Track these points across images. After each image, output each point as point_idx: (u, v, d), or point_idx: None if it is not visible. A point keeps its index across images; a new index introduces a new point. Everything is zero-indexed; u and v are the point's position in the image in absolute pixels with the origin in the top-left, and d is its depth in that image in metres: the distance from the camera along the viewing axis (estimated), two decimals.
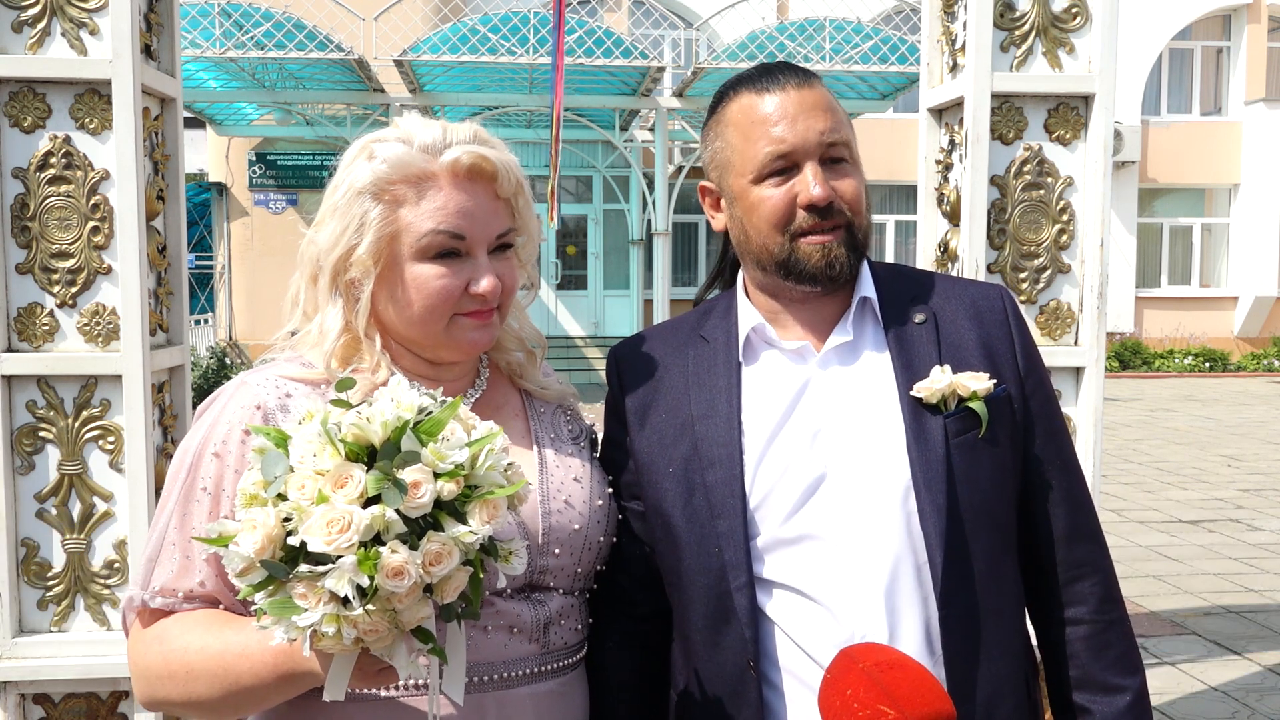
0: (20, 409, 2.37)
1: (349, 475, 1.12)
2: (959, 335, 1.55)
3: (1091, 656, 1.54)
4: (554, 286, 20.23)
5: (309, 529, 1.10)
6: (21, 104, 2.33)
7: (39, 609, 2.42)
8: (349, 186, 1.44)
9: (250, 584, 1.14)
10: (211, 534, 1.17)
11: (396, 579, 1.09)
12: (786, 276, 1.53)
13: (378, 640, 1.13)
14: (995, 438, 1.49)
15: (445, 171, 1.43)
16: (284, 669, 1.26)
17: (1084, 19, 2.63)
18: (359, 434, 1.15)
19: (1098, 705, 1.53)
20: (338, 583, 1.09)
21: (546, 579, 1.50)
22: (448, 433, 1.17)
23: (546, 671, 1.49)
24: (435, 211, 1.42)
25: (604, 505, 1.57)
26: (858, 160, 1.55)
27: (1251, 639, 5.56)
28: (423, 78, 15.71)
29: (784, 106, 1.50)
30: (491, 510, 1.16)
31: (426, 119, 1.49)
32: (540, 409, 1.63)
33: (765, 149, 1.50)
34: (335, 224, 1.45)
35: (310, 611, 1.10)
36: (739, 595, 1.47)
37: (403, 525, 1.12)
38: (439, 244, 1.42)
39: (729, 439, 1.52)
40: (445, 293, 1.43)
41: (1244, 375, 20.71)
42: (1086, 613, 1.55)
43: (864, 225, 1.55)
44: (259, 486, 1.15)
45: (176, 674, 1.34)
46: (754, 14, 17.49)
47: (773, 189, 1.50)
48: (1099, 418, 2.68)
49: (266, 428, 1.21)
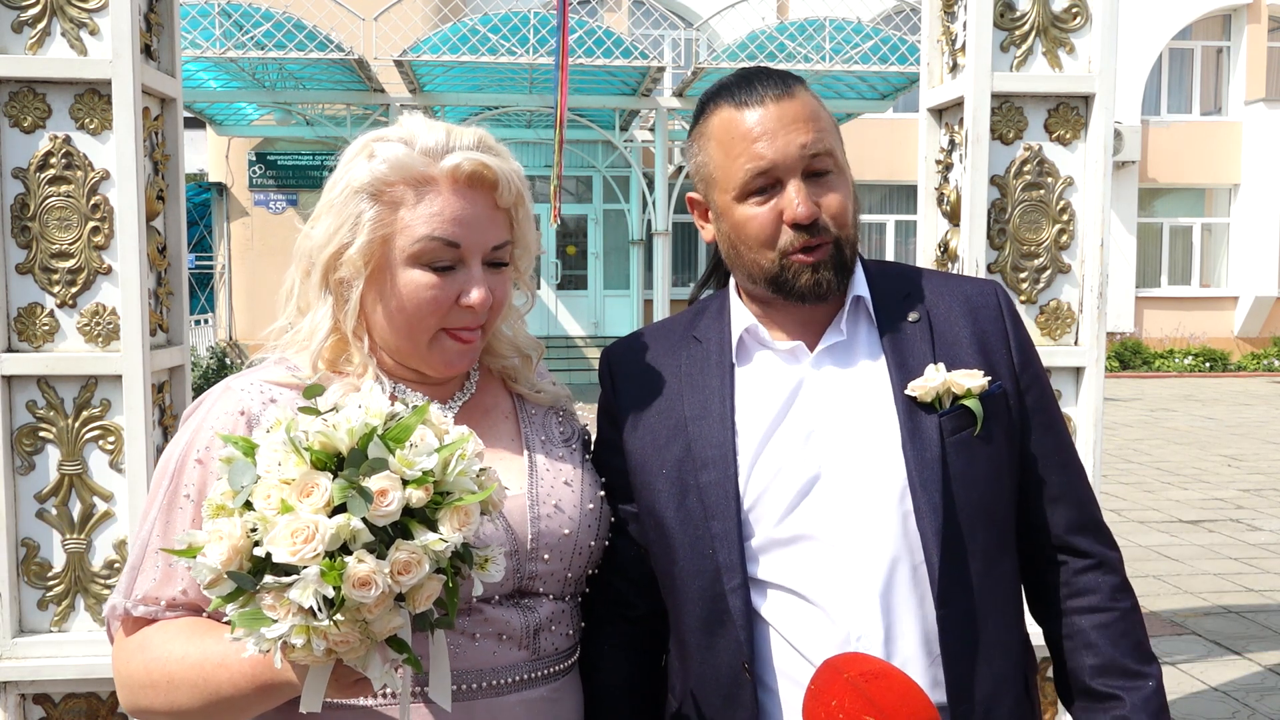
0: (20, 409, 2.37)
1: (315, 484, 1.10)
2: (953, 332, 1.54)
3: (1110, 644, 1.52)
4: (554, 286, 20.22)
5: (274, 539, 1.08)
6: (21, 104, 2.33)
7: (39, 609, 2.42)
8: (346, 184, 1.42)
9: (220, 595, 1.12)
10: (181, 545, 1.15)
11: (363, 589, 1.07)
12: (776, 292, 1.52)
13: (350, 651, 1.11)
14: (991, 435, 1.49)
15: (445, 177, 1.41)
16: (261, 679, 1.25)
17: (1084, 19, 2.63)
18: (326, 442, 1.13)
19: (1123, 691, 1.50)
20: (302, 594, 1.07)
21: (536, 584, 1.48)
22: (416, 438, 1.15)
23: (537, 678, 1.47)
24: (431, 217, 1.40)
25: (595, 509, 1.55)
26: (844, 168, 1.53)
27: (1251, 639, 5.56)
28: (423, 78, 15.70)
29: (764, 121, 1.48)
30: (463, 517, 1.14)
31: (431, 120, 1.46)
32: (532, 411, 1.60)
33: (746, 166, 1.48)
34: (330, 220, 1.43)
35: (279, 623, 1.09)
36: (733, 597, 1.46)
37: (369, 534, 1.10)
38: (432, 250, 1.40)
39: (722, 440, 1.51)
40: (435, 303, 1.41)
41: (1244, 375, 20.70)
42: (1100, 601, 1.53)
43: (851, 239, 1.53)
44: (226, 497, 1.13)
45: (158, 683, 1.33)
46: (754, 14, 17.48)
47: (757, 207, 1.49)
48: (1099, 418, 2.68)
49: (235, 436, 1.19)
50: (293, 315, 1.51)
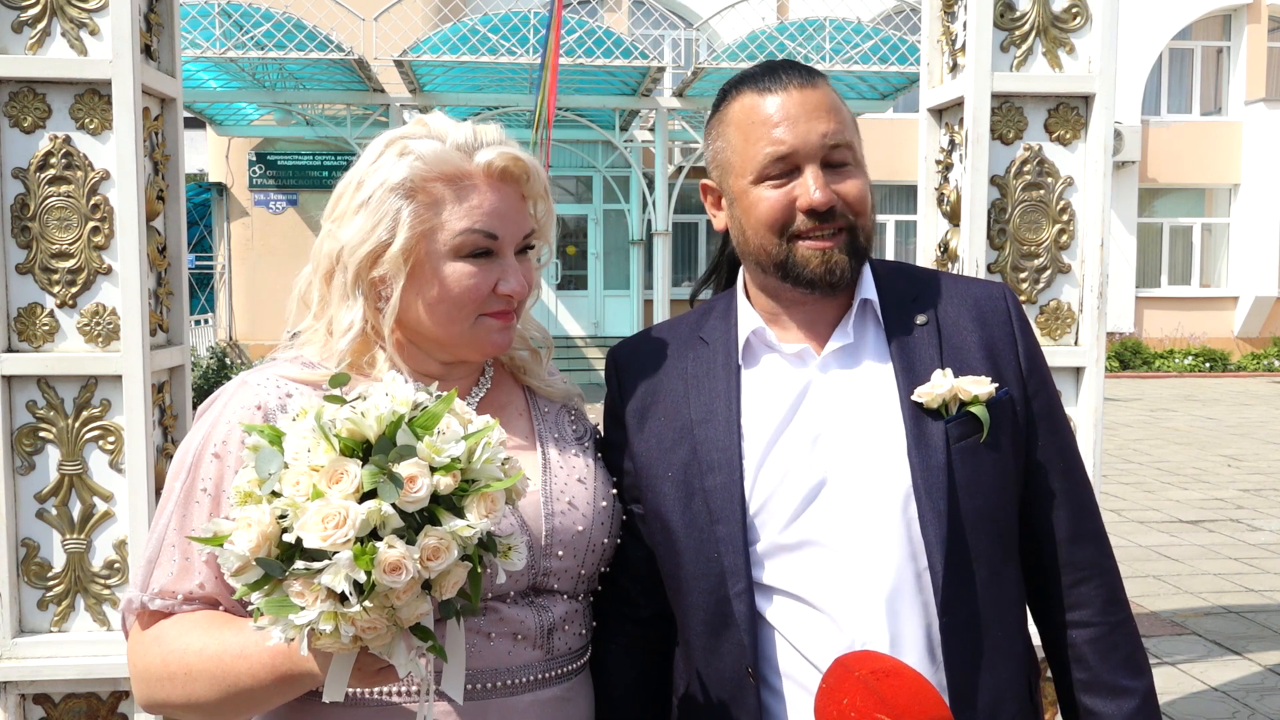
0: (20, 409, 2.37)
1: (344, 470, 1.11)
2: (961, 337, 1.53)
3: (1098, 659, 1.52)
4: (554, 286, 20.22)
5: (304, 525, 1.09)
6: (21, 104, 2.33)
7: (39, 609, 2.42)
8: (380, 182, 1.42)
9: (246, 583, 1.12)
10: (207, 533, 1.16)
11: (394, 574, 1.08)
12: (784, 279, 1.51)
13: (376, 638, 1.11)
14: (997, 442, 1.48)
15: (481, 171, 1.44)
16: (282, 670, 1.25)
17: (1084, 19, 2.63)
18: (354, 429, 1.13)
19: (1106, 708, 1.51)
20: (334, 578, 1.08)
21: (550, 582, 1.49)
22: (443, 426, 1.16)
23: (551, 678, 1.48)
24: (472, 210, 1.43)
25: (608, 506, 1.55)
26: (861, 162, 1.53)
27: (1251, 639, 5.56)
28: (423, 78, 15.71)
29: (786, 107, 1.48)
30: (489, 504, 1.15)
31: (449, 118, 1.49)
32: (545, 408, 1.61)
33: (765, 150, 1.48)
34: (364, 220, 1.43)
35: (307, 610, 1.09)
36: (738, 601, 1.46)
37: (399, 520, 1.10)
38: (473, 243, 1.43)
39: (728, 444, 1.50)
40: (475, 291, 1.44)
41: (1244, 375, 20.70)
42: (1092, 615, 1.53)
43: (868, 227, 1.52)
44: (254, 484, 1.14)
45: (176, 675, 1.34)
46: (754, 14, 17.48)
47: (771, 190, 1.49)
48: (1099, 418, 2.68)
49: (260, 425, 1.20)
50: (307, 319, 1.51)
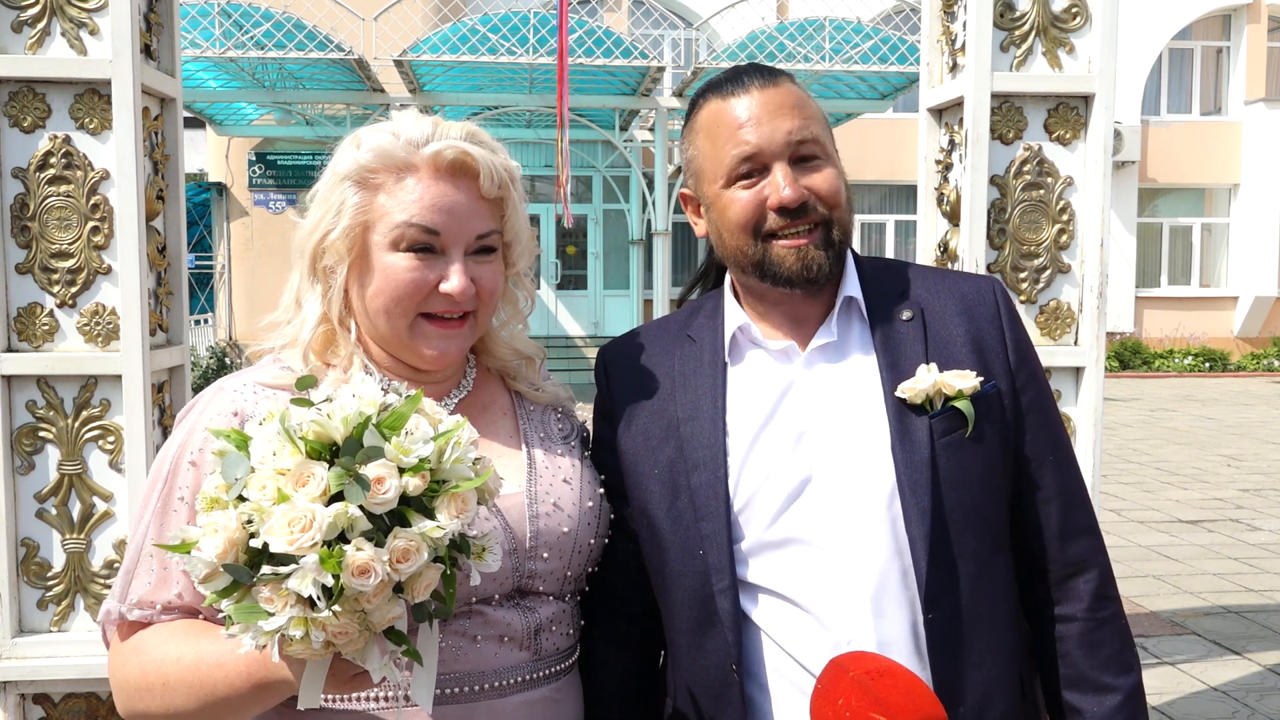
0: (20, 409, 2.37)
1: (310, 473, 1.10)
2: (947, 331, 1.52)
3: (1083, 655, 1.51)
4: (554, 286, 20.22)
5: (270, 529, 1.08)
6: (21, 104, 2.33)
7: (39, 609, 2.42)
8: (332, 172, 1.45)
9: (215, 590, 1.11)
10: (175, 541, 1.14)
11: (362, 577, 1.07)
12: (763, 278, 1.51)
13: (349, 643, 1.10)
14: (983, 436, 1.47)
15: (426, 164, 1.42)
16: (257, 678, 1.24)
17: (1084, 19, 2.63)
18: (320, 431, 1.12)
19: (1087, 705, 1.50)
20: (301, 583, 1.06)
21: (536, 583, 1.47)
22: (411, 426, 1.14)
23: (539, 679, 1.47)
24: (410, 204, 1.40)
25: (595, 507, 1.54)
26: (832, 156, 1.53)
27: (1251, 639, 5.56)
28: (423, 78, 15.70)
29: (750, 108, 1.49)
30: (460, 505, 1.14)
31: (425, 115, 1.48)
32: (530, 408, 1.60)
33: (732, 152, 1.48)
34: (316, 209, 1.45)
35: (276, 615, 1.08)
36: (722, 599, 1.46)
37: (367, 522, 1.09)
38: (411, 237, 1.41)
39: (713, 441, 1.50)
40: (412, 286, 1.41)
41: (1244, 375, 20.70)
42: (1079, 610, 1.52)
43: (844, 220, 1.52)
44: (220, 490, 1.13)
45: (154, 686, 1.33)
46: (754, 14, 17.47)
47: (742, 191, 1.49)
48: (1099, 418, 2.68)
49: (227, 430, 1.19)
50: (291, 310, 1.51)
